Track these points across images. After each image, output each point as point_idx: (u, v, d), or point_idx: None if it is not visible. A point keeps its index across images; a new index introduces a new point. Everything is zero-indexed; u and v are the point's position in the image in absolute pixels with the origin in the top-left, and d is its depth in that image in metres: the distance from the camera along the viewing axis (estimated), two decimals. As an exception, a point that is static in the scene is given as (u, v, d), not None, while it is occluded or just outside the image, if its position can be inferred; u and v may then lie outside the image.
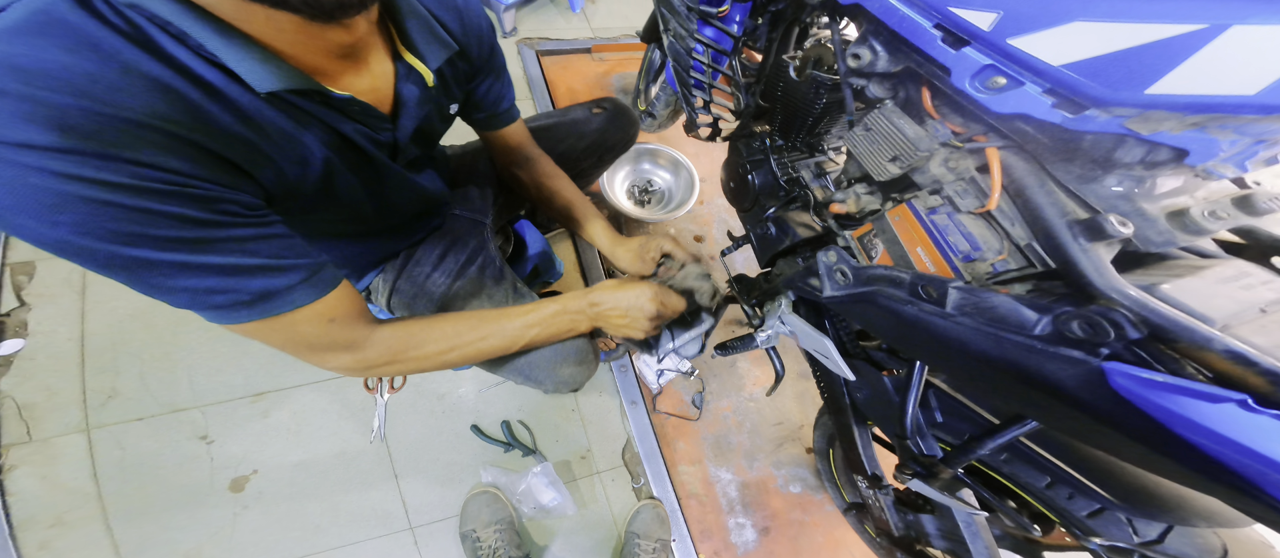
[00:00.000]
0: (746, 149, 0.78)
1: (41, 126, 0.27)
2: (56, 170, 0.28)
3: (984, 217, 0.44)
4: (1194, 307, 0.33)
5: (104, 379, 0.98)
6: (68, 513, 0.90)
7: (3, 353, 0.96)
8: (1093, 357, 0.34)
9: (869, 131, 0.50)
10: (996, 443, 0.50)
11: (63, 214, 0.30)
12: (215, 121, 0.35)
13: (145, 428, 0.97)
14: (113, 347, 1.01)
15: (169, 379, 1.01)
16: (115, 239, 0.32)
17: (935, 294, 0.43)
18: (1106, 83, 0.30)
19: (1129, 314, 0.33)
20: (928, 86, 0.44)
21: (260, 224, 0.39)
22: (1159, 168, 0.34)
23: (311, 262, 0.43)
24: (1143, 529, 0.50)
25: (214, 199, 0.35)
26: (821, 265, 0.57)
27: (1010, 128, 0.38)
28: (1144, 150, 0.33)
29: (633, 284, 0.64)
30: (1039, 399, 0.38)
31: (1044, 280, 0.41)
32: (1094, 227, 0.35)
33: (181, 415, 0.99)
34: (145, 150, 0.31)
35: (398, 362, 0.51)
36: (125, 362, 1.00)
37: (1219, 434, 0.29)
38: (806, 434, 1.27)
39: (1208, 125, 0.29)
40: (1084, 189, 0.37)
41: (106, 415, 0.96)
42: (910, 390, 0.56)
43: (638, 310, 0.62)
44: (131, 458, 0.95)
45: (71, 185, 0.29)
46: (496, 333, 0.57)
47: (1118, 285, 0.34)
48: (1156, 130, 0.30)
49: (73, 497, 0.91)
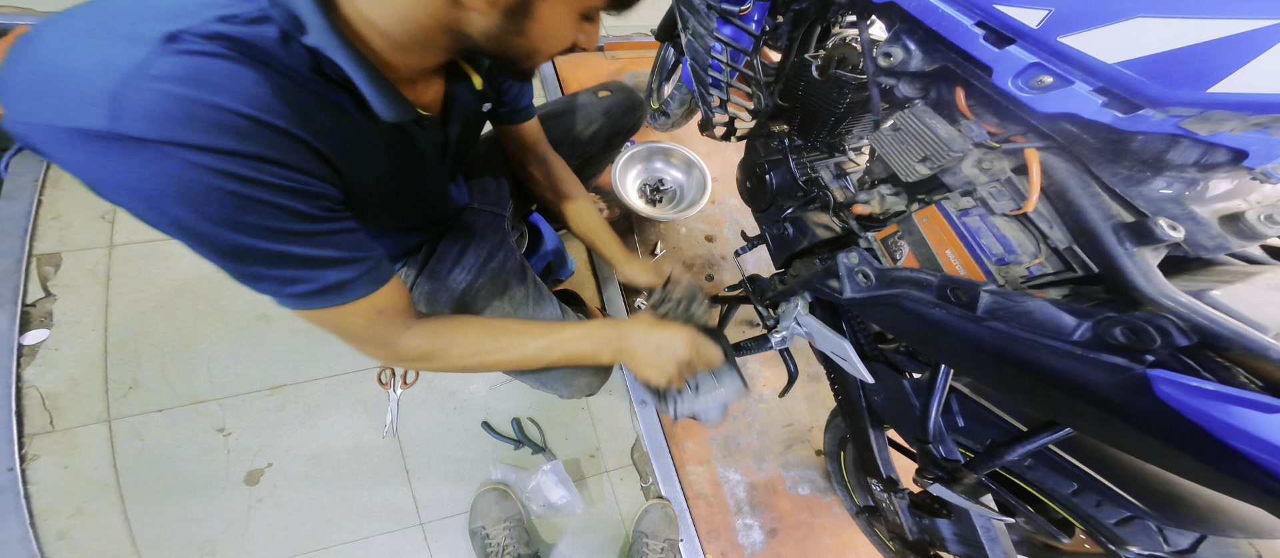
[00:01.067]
0: (764, 148, 0.76)
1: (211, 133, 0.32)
2: (217, 168, 0.33)
3: (1019, 219, 0.43)
4: (1246, 314, 0.32)
5: (126, 370, 0.99)
6: (87, 503, 0.90)
7: (28, 343, 0.96)
8: (1136, 364, 0.33)
9: (897, 132, 0.48)
10: (1026, 449, 0.48)
11: (210, 207, 0.34)
12: (342, 135, 0.40)
13: (165, 419, 0.97)
14: (135, 338, 1.01)
15: (189, 371, 1.01)
16: (244, 230, 0.36)
17: (965, 298, 0.42)
18: (1167, 81, 0.28)
19: (1177, 321, 0.32)
20: (963, 86, 0.43)
21: (343, 219, 0.43)
22: (1214, 170, 0.33)
23: (374, 256, 0.46)
24: (1174, 539, 0.48)
25: (320, 197, 0.40)
26: (842, 267, 0.55)
27: (1054, 128, 0.37)
28: (1199, 152, 0.31)
29: (669, 326, 0.59)
30: (1076, 406, 0.37)
31: (1083, 285, 0.40)
32: (1142, 230, 0.34)
33: (200, 408, 0.99)
34: (289, 156, 0.36)
35: (426, 360, 0.52)
36: (147, 353, 1.00)
37: (1274, 444, 0.28)
38: (816, 436, 1.26)
39: (1272, 127, 0.28)
40: (1131, 192, 0.35)
41: (127, 407, 0.97)
42: (934, 395, 0.55)
43: (668, 354, 0.57)
44: (150, 449, 0.95)
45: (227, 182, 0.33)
46: (516, 348, 0.56)
47: (1167, 291, 0.33)
48: (1216, 131, 0.29)
49: (93, 487, 0.91)
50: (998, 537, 0.69)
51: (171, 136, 0.31)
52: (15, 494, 0.87)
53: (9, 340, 0.95)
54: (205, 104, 0.31)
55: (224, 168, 0.33)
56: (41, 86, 0.30)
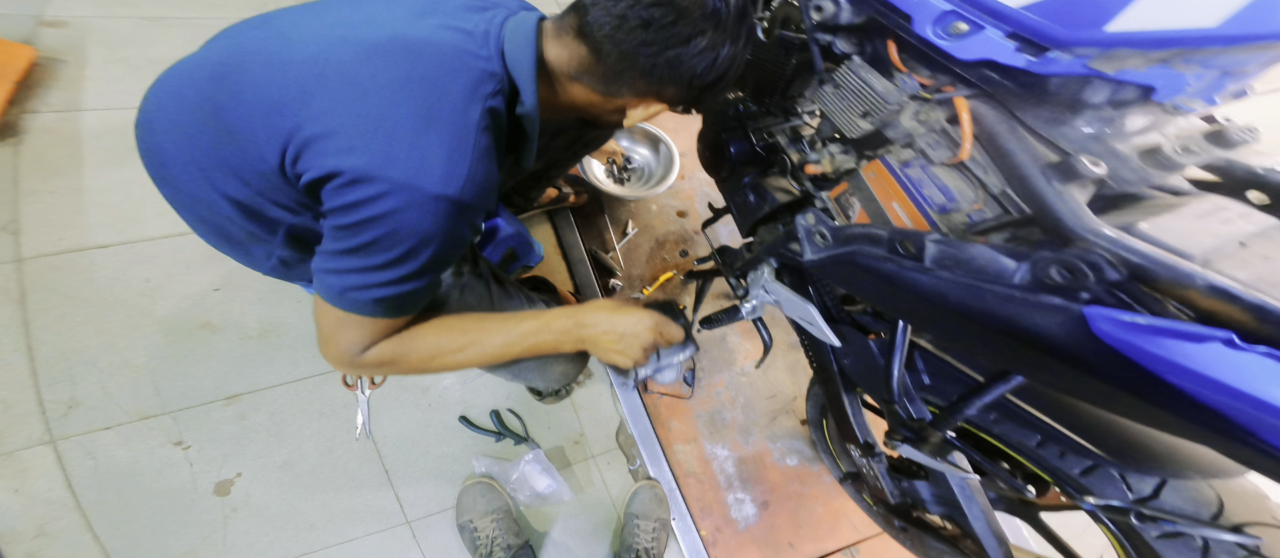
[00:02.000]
0: (720, 117, 0.76)
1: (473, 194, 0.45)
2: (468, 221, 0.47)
3: (957, 167, 0.43)
4: (1173, 243, 0.32)
5: (60, 390, 0.96)
6: (49, 524, 0.89)
7: None
8: (1073, 302, 0.33)
9: (838, 88, 0.48)
10: (983, 402, 0.50)
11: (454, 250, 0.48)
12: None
13: (114, 436, 0.96)
14: (65, 357, 0.98)
15: (132, 386, 0.99)
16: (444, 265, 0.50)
17: (913, 249, 0.42)
18: (1067, 23, 0.29)
19: (1107, 255, 0.32)
20: (893, 39, 0.43)
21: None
22: (1127, 107, 0.33)
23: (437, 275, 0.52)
24: (1136, 485, 0.50)
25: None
26: (800, 229, 0.55)
27: (976, 75, 0.37)
28: (1110, 90, 0.32)
29: (632, 310, 0.60)
30: (1023, 352, 0.37)
31: (1021, 228, 0.40)
32: (1066, 168, 0.34)
33: (152, 422, 0.98)
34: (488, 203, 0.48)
35: (386, 366, 0.53)
36: (81, 371, 0.98)
37: (1205, 376, 0.28)
38: (800, 406, 1.28)
39: (1172, 60, 0.28)
40: (1055, 133, 0.36)
41: (70, 426, 0.95)
42: (894, 352, 0.55)
43: (633, 338, 0.58)
44: (105, 467, 0.94)
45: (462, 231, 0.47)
46: (476, 347, 0.56)
47: (1093, 226, 0.33)
48: (1121, 68, 0.29)
49: (51, 508, 0.90)
50: (974, 495, 0.71)
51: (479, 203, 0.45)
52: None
53: (-75, 367, 0.92)
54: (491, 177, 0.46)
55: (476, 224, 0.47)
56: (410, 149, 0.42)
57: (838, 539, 1.20)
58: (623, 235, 1.35)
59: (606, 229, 1.35)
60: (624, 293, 1.30)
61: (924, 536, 0.86)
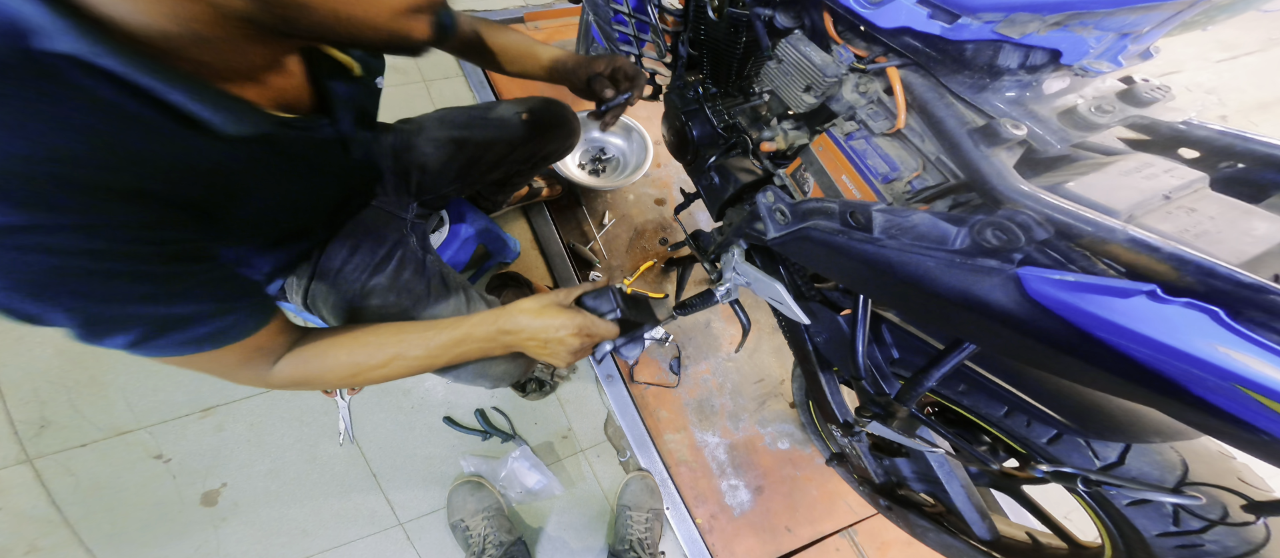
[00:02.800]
0: (681, 100, 0.76)
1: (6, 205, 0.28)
2: (31, 245, 0.30)
3: (897, 136, 0.43)
4: (1098, 200, 0.33)
5: (29, 410, 0.98)
6: (39, 540, 0.91)
7: None
8: (1008, 264, 0.34)
9: (782, 63, 0.49)
10: (940, 372, 0.50)
11: (49, 288, 0.31)
12: (167, 164, 0.35)
13: (91, 453, 0.98)
14: (28, 377, 1.00)
15: (103, 404, 1.01)
16: (79, 295, 0.33)
17: (862, 220, 0.43)
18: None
19: (1035, 215, 0.33)
20: (828, 11, 0.43)
21: (209, 265, 0.40)
22: (1041, 71, 0.34)
23: (254, 295, 0.44)
24: (1102, 452, 0.50)
25: (170, 247, 0.36)
26: (762, 207, 0.56)
27: (901, 43, 0.38)
28: (1021, 54, 0.33)
29: (554, 312, 0.57)
30: (968, 317, 0.38)
31: (961, 194, 0.41)
32: (990, 132, 0.35)
33: (128, 438, 1.00)
34: (109, 212, 0.32)
35: (303, 385, 0.52)
36: (48, 391, 0.99)
37: (1132, 331, 0.29)
38: (788, 389, 1.29)
39: (1069, 24, 0.29)
40: (979, 98, 0.36)
41: (44, 445, 0.96)
42: (857, 326, 0.56)
43: (557, 344, 0.56)
44: (86, 483, 0.96)
45: (51, 258, 0.30)
46: (399, 361, 0.54)
47: (1018, 186, 0.34)
48: (1025, 32, 0.30)
49: (38, 525, 0.92)
50: (954, 471, 0.72)
51: None
52: None
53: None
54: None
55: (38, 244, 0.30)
56: None
57: (834, 521, 1.21)
58: (600, 226, 1.36)
59: (584, 221, 1.36)
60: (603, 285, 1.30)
61: (909, 513, 0.88)
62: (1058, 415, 0.49)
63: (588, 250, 1.30)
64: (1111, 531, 0.55)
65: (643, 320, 0.65)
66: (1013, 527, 0.78)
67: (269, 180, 0.45)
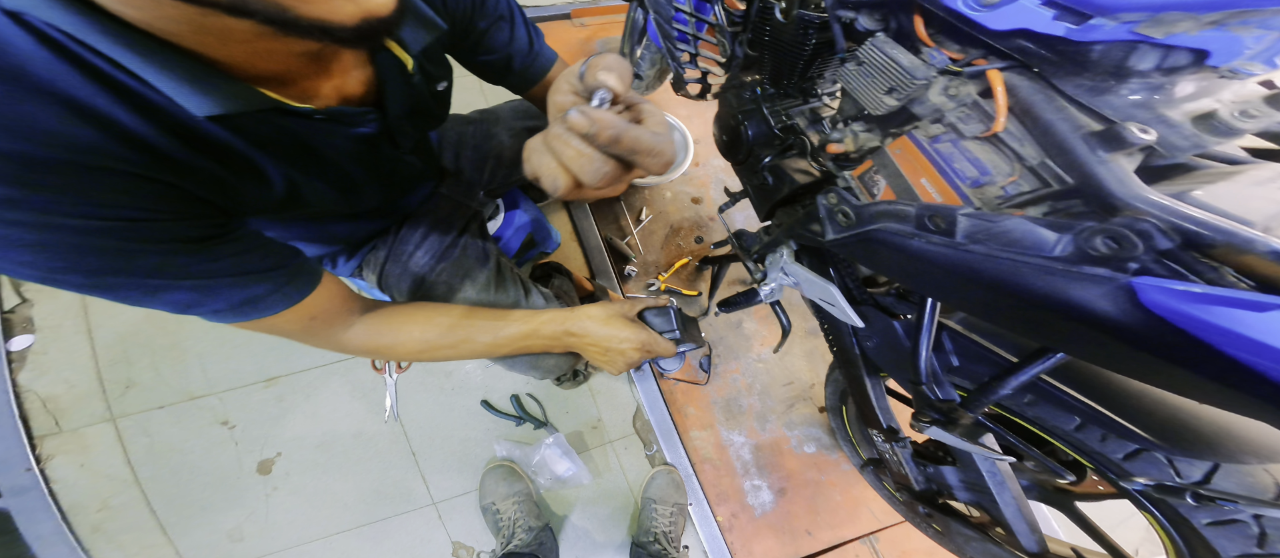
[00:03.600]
0: (737, 100, 0.74)
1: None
2: (18, 220, 0.29)
3: (990, 140, 0.41)
4: (1230, 209, 0.30)
5: (119, 370, 1.02)
6: (112, 498, 0.95)
7: (15, 349, 1.00)
8: (1120, 273, 0.31)
9: (862, 65, 0.47)
10: (1019, 381, 0.48)
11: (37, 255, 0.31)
12: (154, 149, 0.33)
13: (167, 416, 1.02)
14: (120, 339, 1.04)
15: (181, 368, 1.05)
16: (79, 270, 0.32)
17: (943, 224, 0.40)
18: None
19: (1157, 223, 0.30)
20: (920, 13, 0.41)
21: (227, 240, 0.39)
22: (1178, 73, 0.31)
23: (287, 268, 0.43)
24: (1185, 471, 0.47)
25: (166, 227, 0.35)
26: (822, 208, 0.54)
27: (1010, 46, 0.35)
28: (1160, 56, 0.30)
29: (621, 323, 0.57)
30: (1063, 327, 0.36)
31: (1061, 200, 0.38)
32: (1112, 136, 0.32)
33: (200, 402, 1.03)
34: (80, 191, 0.30)
35: (375, 354, 0.53)
36: (136, 353, 1.04)
37: (1266, 345, 0.26)
38: (818, 393, 1.26)
39: (1228, 22, 0.26)
40: (1097, 101, 0.34)
41: (128, 405, 1.01)
42: (922, 332, 0.54)
43: (618, 354, 0.57)
44: (160, 444, 1.00)
45: (36, 233, 0.30)
46: (465, 345, 0.55)
47: (1142, 193, 0.31)
48: (1171, 33, 0.27)
49: (113, 483, 0.96)
50: (1006, 481, 0.69)
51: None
52: (40, 493, 0.92)
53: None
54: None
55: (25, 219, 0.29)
56: None
57: (856, 527, 1.18)
58: (637, 221, 1.35)
59: (622, 215, 1.35)
60: (639, 279, 1.29)
61: (951, 522, 0.84)
62: (1142, 431, 0.46)
63: (624, 245, 1.29)
64: (1182, 550, 0.52)
65: (691, 342, 0.65)
66: (1058, 543, 0.75)
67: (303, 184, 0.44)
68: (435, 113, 0.59)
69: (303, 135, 0.42)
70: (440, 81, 0.56)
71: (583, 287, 1.17)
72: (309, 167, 0.44)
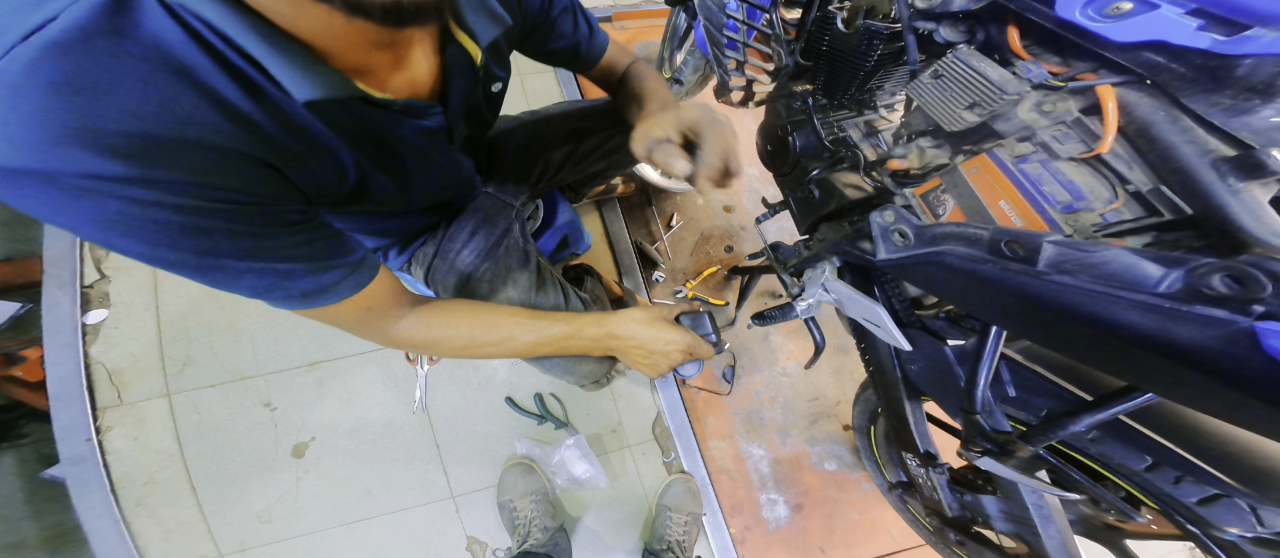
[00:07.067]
0: (786, 110, 0.71)
1: (107, 158, 0.28)
2: (127, 196, 0.29)
3: (1089, 162, 0.37)
4: (1387, 255, 0.26)
5: (179, 348, 1.04)
6: (158, 472, 0.96)
7: (90, 322, 1.02)
8: (1240, 316, 0.27)
9: (939, 79, 0.43)
10: (1097, 419, 0.43)
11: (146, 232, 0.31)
12: (262, 131, 0.34)
13: (217, 394, 1.02)
14: (184, 318, 1.06)
15: (234, 349, 1.05)
16: (182, 249, 0.33)
17: (1024, 251, 0.37)
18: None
19: None
20: (1016, 23, 0.37)
21: (307, 228, 0.40)
22: None
23: (353, 258, 0.44)
24: (1269, 519, 0.42)
25: (266, 210, 0.36)
26: (876, 226, 0.50)
27: (1133, 59, 0.31)
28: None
29: (665, 327, 0.57)
30: (1161, 368, 0.32)
31: (1168, 231, 0.34)
32: (1251, 163, 0.28)
33: (248, 383, 1.04)
34: (203, 171, 0.31)
35: (422, 348, 0.52)
36: (196, 332, 1.05)
37: None
38: (842, 411, 1.22)
39: None
40: (1234, 123, 0.29)
41: (184, 382, 1.02)
42: (983, 361, 0.50)
43: (662, 357, 0.56)
44: (207, 422, 1.00)
45: (142, 209, 0.30)
46: (508, 343, 0.55)
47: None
48: None
49: (161, 458, 0.97)
50: (1052, 515, 0.64)
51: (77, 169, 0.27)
52: (96, 464, 0.93)
53: (73, 320, 1.00)
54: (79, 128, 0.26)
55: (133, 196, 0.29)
56: None
57: (872, 548, 1.13)
58: (668, 227, 1.32)
59: (653, 220, 1.32)
60: (666, 285, 1.26)
61: (985, 552, 0.79)
62: (1226, 476, 0.41)
63: (654, 250, 1.27)
64: None
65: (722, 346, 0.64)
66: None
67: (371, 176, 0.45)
68: (486, 116, 0.58)
69: (377, 127, 0.42)
70: (497, 82, 0.56)
71: (611, 290, 1.15)
72: (378, 159, 0.44)
